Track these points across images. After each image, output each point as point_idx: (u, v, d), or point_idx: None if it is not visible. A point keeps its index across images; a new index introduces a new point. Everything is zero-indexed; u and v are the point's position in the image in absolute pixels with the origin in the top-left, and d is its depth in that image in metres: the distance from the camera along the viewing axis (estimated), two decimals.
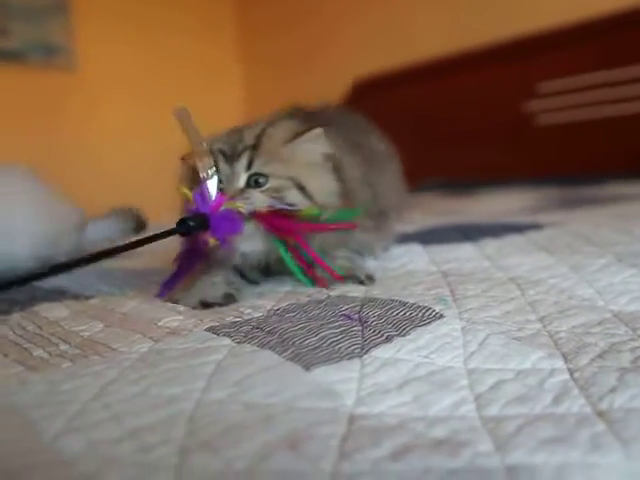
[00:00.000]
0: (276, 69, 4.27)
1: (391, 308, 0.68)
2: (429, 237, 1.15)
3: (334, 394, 0.48)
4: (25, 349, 0.64)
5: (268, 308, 0.73)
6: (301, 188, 0.82)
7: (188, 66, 4.34)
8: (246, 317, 0.70)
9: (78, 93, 3.93)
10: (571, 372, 0.53)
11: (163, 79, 4.21)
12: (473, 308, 0.69)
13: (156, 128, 4.13)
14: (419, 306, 0.68)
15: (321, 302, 0.73)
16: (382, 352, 0.56)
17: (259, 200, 0.80)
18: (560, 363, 0.54)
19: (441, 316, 0.65)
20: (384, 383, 0.50)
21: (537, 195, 2.12)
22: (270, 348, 0.57)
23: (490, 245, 1.04)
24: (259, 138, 0.83)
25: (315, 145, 0.85)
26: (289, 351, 0.56)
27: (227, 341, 0.60)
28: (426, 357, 0.56)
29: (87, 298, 0.89)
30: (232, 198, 0.78)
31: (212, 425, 0.43)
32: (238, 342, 0.59)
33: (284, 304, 0.74)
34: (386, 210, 1.05)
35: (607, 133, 2.50)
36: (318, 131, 0.84)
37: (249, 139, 0.84)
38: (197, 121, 0.84)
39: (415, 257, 0.99)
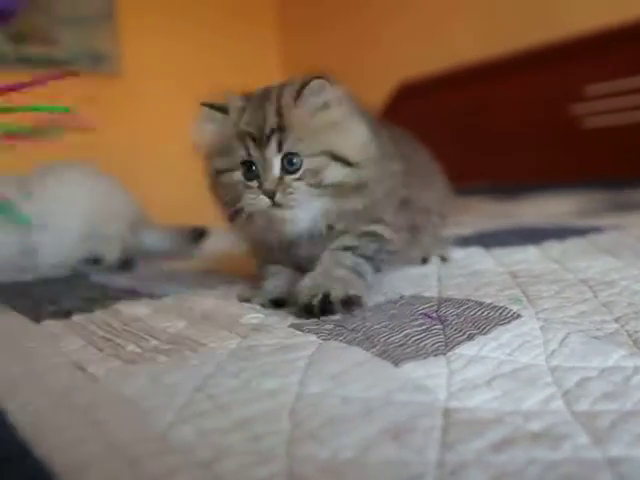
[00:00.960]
0: (315, 70, 4.29)
1: (468, 308, 0.69)
2: (490, 240, 1.15)
3: (426, 389, 0.50)
4: (117, 344, 0.67)
5: None
6: (337, 158, 0.78)
7: (230, 67, 4.39)
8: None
9: (125, 98, 4.00)
10: None
11: (207, 79, 4.26)
12: (549, 308, 0.70)
13: None
14: (495, 306, 0.70)
15: (396, 302, 0.75)
16: (466, 349, 0.58)
17: (302, 192, 0.77)
18: None
19: (519, 316, 0.66)
20: (472, 379, 0.52)
21: (585, 198, 2.10)
22: (357, 345, 0.59)
23: (554, 248, 1.04)
24: (281, 112, 0.79)
25: (326, 96, 0.81)
26: (376, 348, 0.57)
27: (314, 337, 0.62)
28: (509, 355, 0.57)
29: (160, 297, 0.92)
30: (273, 192, 0.76)
31: (314, 417, 0.45)
32: (324, 339, 0.61)
33: None
34: (421, 223, 1.00)
35: None
36: (322, 81, 0.81)
37: (272, 117, 0.79)
38: None
39: (480, 259, 1.00)
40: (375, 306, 0.74)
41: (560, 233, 1.16)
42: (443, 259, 1.03)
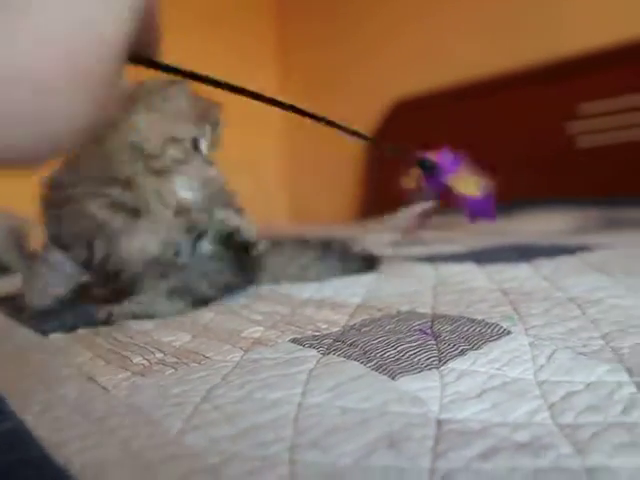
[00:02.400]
0: (313, 86, 4.35)
1: (461, 324, 0.72)
2: (483, 257, 1.19)
3: (420, 401, 0.53)
4: (125, 356, 0.69)
5: (343, 323, 0.78)
6: None
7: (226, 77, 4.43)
8: (324, 331, 0.75)
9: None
10: (637, 385, 0.56)
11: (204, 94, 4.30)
12: (538, 325, 0.73)
13: None
14: (487, 323, 0.73)
15: (393, 317, 0.78)
16: (458, 364, 0.61)
17: None
18: (626, 377, 0.58)
19: (509, 332, 0.70)
20: (464, 392, 0.55)
21: (579, 216, 2.14)
22: (355, 359, 0.62)
23: (545, 265, 1.08)
24: None
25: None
26: (373, 362, 0.61)
27: (313, 352, 0.65)
28: (499, 369, 0.60)
29: None
30: None
31: (316, 426, 0.48)
32: (324, 354, 0.65)
33: (358, 319, 0.79)
34: None
35: None
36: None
37: None
38: (236, 133, 0.86)
39: (473, 276, 1.04)
40: (372, 321, 0.78)
41: (551, 251, 1.19)
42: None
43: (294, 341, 0.70)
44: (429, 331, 0.70)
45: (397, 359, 0.62)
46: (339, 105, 4.05)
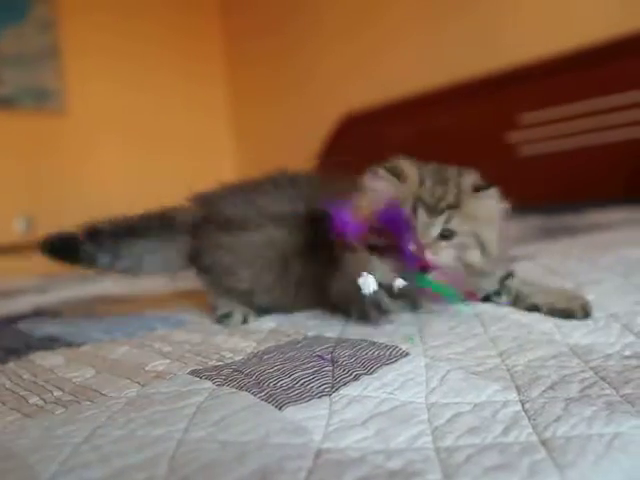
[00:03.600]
0: (264, 104, 4.36)
1: (361, 348, 0.73)
2: None
3: (304, 430, 0.53)
4: (22, 397, 0.68)
5: (249, 351, 0.78)
6: (481, 243, 0.87)
7: (177, 104, 4.43)
8: (227, 361, 0.75)
9: (69, 134, 4.01)
10: (523, 403, 0.58)
11: (152, 116, 4.29)
12: (437, 345, 0.74)
13: (148, 168, 4.21)
14: (387, 345, 0.73)
15: (298, 343, 0.79)
16: (350, 390, 0.61)
17: (447, 256, 0.85)
18: (513, 395, 0.60)
19: (407, 354, 0.70)
20: (350, 419, 0.55)
21: (519, 225, 2.17)
22: (247, 390, 0.62)
23: None
24: (458, 197, 0.87)
25: (494, 202, 0.90)
26: (264, 392, 0.61)
27: (208, 384, 0.65)
28: (390, 393, 0.61)
29: (79, 345, 0.93)
30: (426, 247, 0.84)
31: (191, 462, 0.48)
32: (218, 385, 0.64)
33: (264, 346, 0.79)
34: None
35: (588, 162, 2.57)
36: (496, 190, 0.90)
37: (451, 197, 0.87)
38: (188, 153, 0.85)
39: None
40: (276, 348, 0.78)
41: None
42: None
43: (193, 373, 0.70)
44: (328, 356, 0.70)
45: (289, 387, 0.62)
46: (289, 119, 4.08)
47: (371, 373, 0.65)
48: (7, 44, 3.79)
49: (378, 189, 0.88)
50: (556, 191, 2.68)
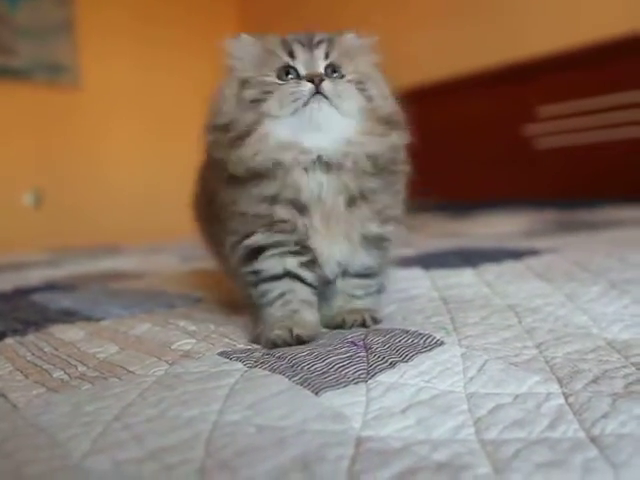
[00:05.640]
0: None
1: (394, 335, 0.71)
2: (430, 261, 1.18)
3: (342, 417, 0.51)
4: (45, 370, 0.67)
5: None
6: (368, 97, 0.77)
7: (191, 84, 4.39)
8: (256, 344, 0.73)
9: (82, 110, 3.98)
10: (566, 396, 0.55)
11: (166, 94, 4.27)
12: (472, 335, 0.72)
13: (160, 147, 4.19)
14: (420, 333, 0.71)
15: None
16: (386, 377, 0.59)
17: (347, 91, 0.75)
18: (555, 387, 0.57)
19: (442, 343, 0.68)
20: (389, 407, 0.53)
21: (534, 218, 2.16)
22: (281, 373, 0.60)
23: (490, 271, 1.07)
24: (332, 36, 0.79)
25: (371, 53, 0.83)
26: (299, 376, 0.59)
27: (239, 365, 0.63)
28: (428, 382, 0.59)
29: (98, 320, 0.92)
30: (321, 78, 0.73)
31: (228, 446, 0.46)
32: (250, 367, 0.62)
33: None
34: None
35: (604, 157, 2.55)
36: (374, 39, 0.82)
37: (323, 35, 0.78)
38: (200, 134, 0.81)
39: (417, 283, 1.02)
40: None
41: (498, 256, 1.19)
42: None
43: (222, 354, 0.68)
44: (361, 343, 0.68)
45: (324, 372, 0.60)
46: None
47: (407, 361, 0.63)
48: (23, 16, 3.75)
49: (243, 51, 0.80)
50: (571, 185, 2.66)
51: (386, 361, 0.63)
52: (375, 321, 0.81)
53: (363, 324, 0.79)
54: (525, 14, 2.91)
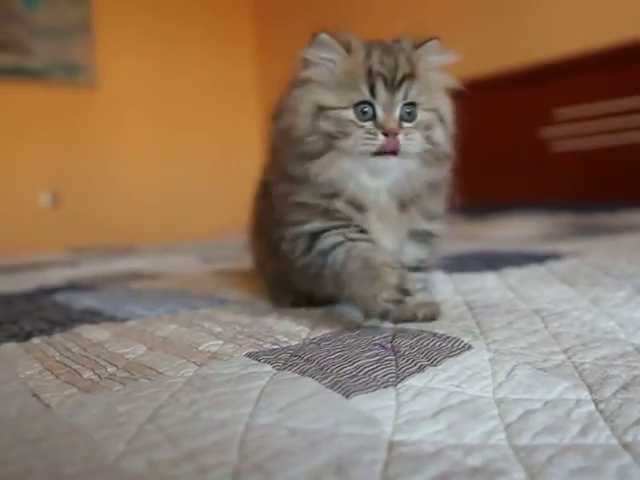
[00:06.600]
0: None
1: (422, 338, 0.71)
2: (453, 265, 1.18)
3: (374, 421, 0.51)
4: (75, 370, 0.67)
5: (303, 337, 0.77)
6: (440, 117, 0.81)
7: (205, 80, 4.42)
8: (283, 345, 0.73)
9: (98, 110, 4.01)
10: (596, 403, 0.55)
11: (181, 93, 4.29)
12: (500, 339, 0.72)
13: (175, 146, 4.21)
14: (448, 337, 0.71)
15: (354, 331, 0.77)
16: (416, 381, 0.59)
17: (415, 140, 0.78)
18: (585, 394, 0.57)
19: (470, 347, 0.68)
20: (419, 411, 0.53)
21: (552, 222, 2.15)
22: (310, 375, 0.60)
23: (513, 275, 1.07)
24: (410, 63, 0.80)
25: (438, 57, 0.85)
26: (329, 379, 0.59)
27: (268, 368, 0.63)
28: (457, 387, 0.59)
29: (123, 320, 0.92)
30: (395, 133, 0.76)
31: (261, 449, 0.46)
32: (278, 369, 0.63)
33: (319, 333, 0.78)
34: None
35: (621, 160, 2.53)
36: (437, 41, 0.84)
37: (403, 64, 0.79)
38: (215, 133, 0.82)
39: (440, 287, 1.02)
40: (332, 335, 0.76)
41: (520, 260, 1.19)
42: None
43: (250, 355, 0.68)
44: (389, 345, 0.68)
45: (353, 375, 0.60)
46: None
47: (435, 365, 0.63)
48: (41, 16, 3.78)
49: (323, 59, 0.79)
50: (587, 188, 2.65)
51: (415, 364, 0.63)
52: (440, 315, 0.84)
53: (433, 317, 0.83)
54: (542, 17, 2.90)
